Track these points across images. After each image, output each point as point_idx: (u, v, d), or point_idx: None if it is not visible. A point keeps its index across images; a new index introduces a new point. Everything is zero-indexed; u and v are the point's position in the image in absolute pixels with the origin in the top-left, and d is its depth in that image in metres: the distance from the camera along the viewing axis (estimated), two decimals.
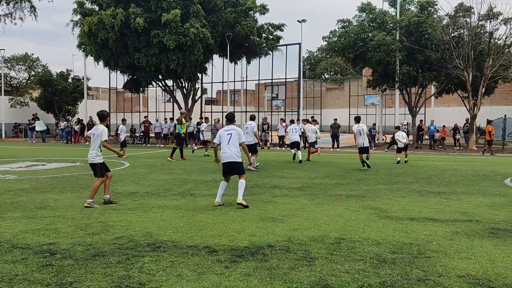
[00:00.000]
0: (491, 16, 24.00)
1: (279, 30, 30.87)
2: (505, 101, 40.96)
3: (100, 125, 8.13)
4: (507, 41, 24.28)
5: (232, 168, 7.99)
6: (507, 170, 13.95)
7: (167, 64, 26.31)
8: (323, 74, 70.32)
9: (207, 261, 4.74)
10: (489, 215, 7.10)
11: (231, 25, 28.01)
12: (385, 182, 11.13)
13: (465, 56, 23.53)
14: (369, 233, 5.94)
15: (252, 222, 6.61)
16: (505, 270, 4.46)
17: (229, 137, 7.99)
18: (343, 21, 28.17)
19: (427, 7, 25.89)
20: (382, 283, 4.11)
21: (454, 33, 25.44)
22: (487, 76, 23.81)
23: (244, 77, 35.79)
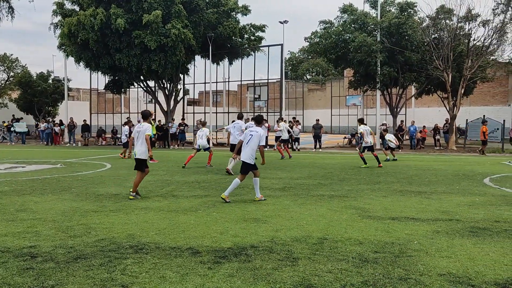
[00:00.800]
0: (470, 18, 24.47)
1: (260, 31, 30.92)
2: (483, 101, 41.84)
3: (144, 123, 8.86)
4: (485, 43, 24.79)
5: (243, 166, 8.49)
6: (486, 169, 14.24)
7: (148, 64, 26.08)
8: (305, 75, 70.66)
9: (190, 262, 4.71)
10: (469, 214, 7.22)
11: (213, 25, 27.94)
12: (367, 182, 11.23)
13: (445, 57, 23.94)
14: (351, 233, 5.98)
15: (235, 223, 6.59)
16: (485, 268, 4.54)
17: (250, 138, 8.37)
18: (325, 22, 28.36)
19: (407, 9, 26.25)
20: (365, 282, 4.14)
21: (434, 34, 25.86)
22: (466, 77, 24.26)
23: (227, 78, 35.75)
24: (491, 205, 8.03)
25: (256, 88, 32.49)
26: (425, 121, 35.07)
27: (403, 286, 4.06)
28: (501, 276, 4.30)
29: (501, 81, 40.08)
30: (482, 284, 4.09)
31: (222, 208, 7.73)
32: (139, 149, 8.72)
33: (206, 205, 8.00)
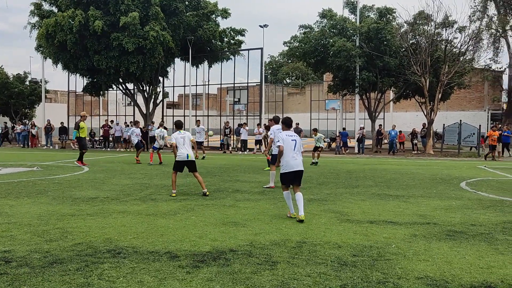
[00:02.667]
0: (447, 24, 25.00)
1: (240, 35, 30.95)
2: (460, 106, 42.77)
3: (183, 131, 9.76)
4: (461, 49, 25.37)
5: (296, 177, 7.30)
6: (462, 173, 14.52)
7: (127, 67, 25.81)
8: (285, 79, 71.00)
9: (168, 266, 4.64)
10: (446, 217, 7.34)
11: (192, 28, 27.84)
12: (346, 186, 11.31)
13: (422, 63, 24.38)
14: (330, 237, 6.00)
15: (214, 226, 6.54)
16: (461, 271, 4.60)
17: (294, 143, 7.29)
18: (305, 27, 28.57)
19: (386, 14, 26.65)
20: (343, 286, 4.15)
21: (412, 40, 26.32)
22: (443, 82, 24.76)
23: (206, 81, 35.63)
24: (467, 208, 8.18)
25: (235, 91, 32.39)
26: (403, 126, 35.63)
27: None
28: (476, 279, 4.36)
29: (477, 87, 41.06)
30: (458, 287, 4.15)
31: (201, 211, 7.66)
32: (191, 151, 9.55)
33: (185, 208, 7.93)
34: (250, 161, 18.88)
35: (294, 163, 7.20)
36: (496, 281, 4.29)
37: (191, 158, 9.51)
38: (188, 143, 9.54)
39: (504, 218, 7.31)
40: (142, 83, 29.85)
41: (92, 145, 29.80)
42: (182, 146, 9.46)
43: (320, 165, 17.29)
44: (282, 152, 7.22)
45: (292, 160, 7.18)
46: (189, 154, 9.47)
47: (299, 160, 7.26)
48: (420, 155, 24.26)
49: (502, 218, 7.27)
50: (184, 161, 9.47)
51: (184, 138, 9.52)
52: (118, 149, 26.91)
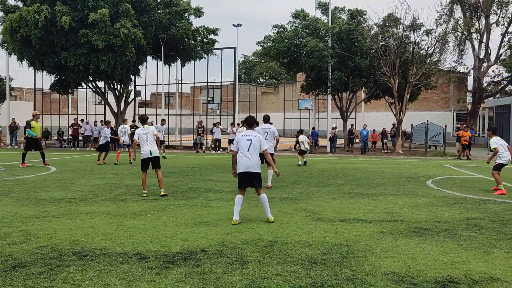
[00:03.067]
0: (415, 27, 25.61)
1: (213, 34, 30.81)
2: (427, 107, 43.93)
3: (147, 125, 9.49)
4: (428, 51, 26.04)
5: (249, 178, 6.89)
6: (429, 172, 14.90)
7: (96, 64, 25.25)
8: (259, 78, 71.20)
9: (137, 268, 4.58)
10: (413, 215, 7.52)
11: (165, 26, 27.53)
12: (317, 184, 11.43)
13: (392, 64, 24.90)
14: (301, 235, 6.05)
15: (185, 226, 6.49)
16: (426, 267, 4.73)
17: (249, 143, 6.90)
18: (278, 27, 28.72)
19: (357, 16, 27.09)
20: (313, 283, 4.19)
21: (382, 42, 26.84)
22: (411, 83, 25.35)
23: (179, 80, 35.30)
24: (433, 206, 8.40)
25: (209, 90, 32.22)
26: (374, 125, 36.29)
27: (350, 286, 4.14)
28: (441, 275, 4.49)
29: (443, 88, 42.29)
30: (423, 283, 4.26)
31: (172, 212, 7.59)
32: (153, 148, 9.25)
33: (156, 209, 7.83)
34: (223, 160, 18.82)
35: (247, 163, 6.85)
36: (460, 277, 4.43)
37: (155, 154, 9.29)
38: (152, 139, 9.33)
39: (468, 215, 7.56)
40: (113, 81, 29.30)
41: (60, 144, 29.07)
42: (144, 142, 9.26)
43: (292, 164, 17.40)
44: (234, 157, 7.02)
45: (244, 160, 6.87)
46: (152, 150, 9.25)
47: (252, 161, 6.84)
48: (389, 154, 24.76)
49: (465, 215, 7.51)
50: (148, 158, 9.28)
51: (147, 134, 9.31)
52: (88, 148, 26.32)
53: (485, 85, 37.69)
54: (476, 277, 4.42)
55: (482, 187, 11.13)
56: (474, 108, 38.24)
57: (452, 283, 4.25)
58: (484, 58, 36.45)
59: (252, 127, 7.23)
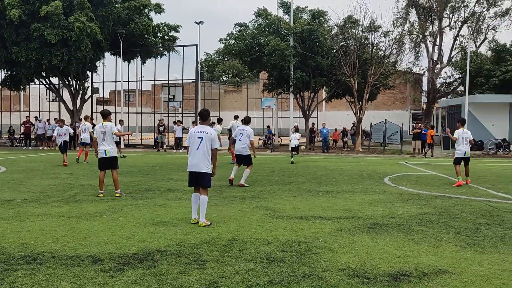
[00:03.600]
0: (373, 28, 26.27)
1: (174, 31, 30.37)
2: (386, 106, 45.19)
3: (107, 122, 9.00)
4: (386, 52, 26.77)
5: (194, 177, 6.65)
6: (386, 169, 15.32)
7: (49, 59, 24.30)
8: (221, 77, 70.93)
9: (89, 271, 4.43)
10: (369, 211, 7.69)
11: (124, 22, 26.85)
12: (279, 183, 11.50)
13: (351, 64, 25.41)
14: (260, 233, 6.05)
15: (143, 227, 6.35)
16: (380, 261, 4.84)
17: (200, 141, 6.57)
18: (240, 25, 28.70)
19: (318, 17, 27.47)
20: (271, 281, 4.20)
21: (342, 42, 27.35)
22: (370, 83, 25.98)
23: (139, 77, 34.62)
24: (389, 202, 8.63)
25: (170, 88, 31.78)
26: (335, 124, 36.94)
27: (307, 282, 4.18)
28: (393, 268, 4.61)
29: (400, 88, 43.63)
30: (376, 276, 4.36)
31: (129, 212, 7.41)
32: (109, 148, 8.90)
33: (112, 209, 7.62)
34: (184, 159, 18.57)
35: (194, 162, 6.56)
36: (411, 270, 4.57)
37: (110, 154, 8.93)
38: (109, 138, 8.91)
39: (420, 210, 7.82)
40: (68, 78, 28.30)
41: (11, 143, 27.82)
42: (101, 142, 8.91)
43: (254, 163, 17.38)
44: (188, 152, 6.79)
45: (192, 159, 6.60)
46: (107, 150, 8.89)
47: (200, 161, 6.52)
48: (350, 152, 25.27)
49: (418, 210, 7.77)
50: (103, 158, 8.95)
51: (105, 133, 8.89)
52: (41, 147, 25.31)
53: (438, 86, 39.21)
54: (426, 270, 4.57)
55: (435, 184, 11.55)
56: (428, 108, 39.69)
57: (404, 276, 4.38)
58: (437, 60, 37.89)
59: (205, 121, 6.86)
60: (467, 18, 36.18)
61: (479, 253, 5.18)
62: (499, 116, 28.22)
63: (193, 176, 6.64)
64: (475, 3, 36.08)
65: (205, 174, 6.57)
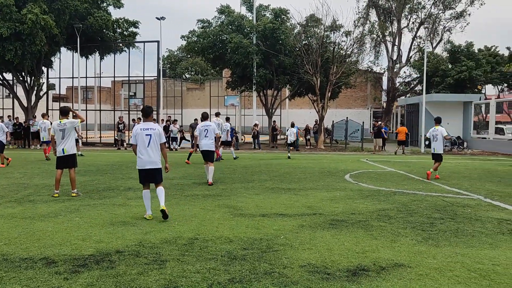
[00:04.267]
0: (335, 28, 26.69)
1: (134, 27, 29.70)
2: (347, 104, 46.12)
3: (65, 120, 8.69)
4: (347, 51, 27.27)
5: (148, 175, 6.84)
6: (348, 166, 15.61)
7: (1, 54, 23.23)
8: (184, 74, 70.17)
9: (43, 274, 4.26)
10: (330, 208, 7.80)
11: (81, 16, 25.98)
12: (241, 180, 11.48)
13: (314, 63, 25.73)
14: (222, 231, 6.01)
15: (101, 227, 6.17)
16: (340, 257, 4.92)
17: (149, 138, 6.73)
18: (203, 22, 28.46)
19: (280, 15, 27.62)
20: (231, 279, 4.17)
21: (305, 41, 27.64)
22: (332, 81, 26.39)
23: (98, 73, 33.67)
24: (349, 198, 8.79)
25: (131, 85, 31.05)
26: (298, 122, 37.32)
27: (268, 280, 4.18)
28: (352, 263, 4.69)
29: (361, 87, 44.65)
30: (336, 272, 4.42)
31: (86, 212, 7.19)
32: (69, 145, 8.69)
33: (68, 209, 7.37)
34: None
35: (147, 160, 6.74)
36: (369, 264, 4.66)
37: (67, 152, 8.67)
38: (69, 136, 8.69)
39: (379, 206, 8.01)
40: (22, 73, 27.14)
41: None
42: (60, 140, 8.64)
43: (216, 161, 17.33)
44: (135, 151, 6.84)
45: (144, 157, 6.74)
46: (65, 149, 8.65)
47: (152, 158, 6.73)
48: (312, 150, 25.60)
49: (377, 206, 7.96)
50: (61, 157, 8.70)
51: (64, 131, 8.61)
52: None
53: (397, 85, 40.40)
54: (384, 264, 4.68)
55: (394, 180, 11.87)
56: (388, 107, 40.81)
57: (362, 271, 4.46)
58: (397, 60, 39.02)
59: (148, 117, 6.98)
60: (424, 19, 37.44)
61: (434, 247, 5.35)
62: (454, 114, 29.36)
63: (148, 173, 6.79)
64: (432, 5, 37.39)
65: (160, 170, 6.88)
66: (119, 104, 41.06)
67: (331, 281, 4.17)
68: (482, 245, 5.47)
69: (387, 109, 41.24)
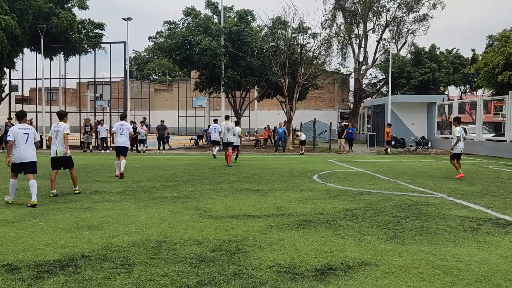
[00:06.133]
0: (302, 30, 27.00)
1: (100, 29, 29.08)
2: (315, 105, 46.67)
3: (62, 122, 9.36)
4: (315, 53, 27.64)
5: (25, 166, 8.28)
6: (316, 167, 15.81)
7: None
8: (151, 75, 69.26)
9: (6, 280, 4.12)
10: (299, 208, 7.89)
11: (45, 16, 25.25)
12: (210, 182, 11.44)
13: (282, 64, 25.94)
14: (191, 234, 5.98)
15: (66, 232, 6.02)
16: (308, 257, 4.98)
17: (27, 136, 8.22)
18: (170, 23, 28.20)
19: (244, 16, 27.63)
20: (200, 282, 4.16)
21: (272, 42, 27.82)
22: (300, 83, 26.68)
23: (63, 75, 32.77)
24: (317, 199, 8.91)
25: (97, 86, 30.38)
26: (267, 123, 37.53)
27: (236, 281, 4.19)
28: (320, 263, 4.76)
29: (328, 88, 45.32)
30: (304, 272, 4.48)
31: (51, 216, 6.99)
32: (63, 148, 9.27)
33: (32, 214, 7.15)
34: (112, 160, 17.91)
35: (24, 155, 8.15)
36: (337, 263, 4.75)
37: (60, 154, 9.29)
38: (61, 138, 9.27)
39: (347, 206, 8.16)
40: None
41: None
42: (54, 141, 9.29)
43: (186, 163, 17.22)
44: (10, 146, 8.14)
45: (21, 152, 8.15)
46: (58, 150, 9.27)
47: (28, 152, 8.21)
48: (280, 151, 25.75)
49: (345, 206, 8.11)
50: (55, 158, 9.32)
51: (58, 132, 9.30)
52: None
53: (364, 86, 41.25)
54: (351, 263, 4.77)
55: (361, 180, 12.12)
56: (355, 107, 41.60)
57: (330, 270, 4.54)
58: (363, 62, 39.85)
59: (22, 120, 8.46)
60: (389, 22, 38.40)
61: (399, 245, 5.50)
62: (419, 115, 30.26)
63: (22, 165, 8.19)
64: (396, 8, 38.41)
65: (35, 163, 8.39)
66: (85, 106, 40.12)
67: (300, 281, 4.22)
68: (445, 242, 5.66)
69: (354, 110, 42.03)
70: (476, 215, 7.39)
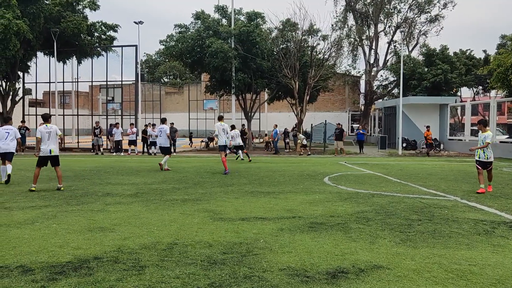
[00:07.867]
0: (312, 32, 26.97)
1: (113, 31, 29.37)
2: (326, 107, 46.53)
3: (50, 124, 10.30)
4: (325, 55, 27.59)
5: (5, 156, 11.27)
6: (326, 169, 15.76)
7: None
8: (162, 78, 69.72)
9: (19, 282, 4.16)
10: (310, 211, 7.86)
11: (56, 19, 25.54)
12: (221, 185, 11.46)
13: (292, 67, 25.92)
14: (202, 236, 5.99)
15: (78, 234, 6.08)
16: (319, 259, 4.96)
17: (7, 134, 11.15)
18: (180, 26, 28.36)
19: (254, 18, 27.68)
20: (211, 284, 4.17)
21: (282, 45, 27.83)
22: (310, 85, 26.64)
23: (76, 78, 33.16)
24: (328, 201, 8.88)
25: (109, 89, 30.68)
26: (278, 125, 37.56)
27: (247, 284, 4.19)
28: (332, 266, 4.74)
29: (339, 90, 45.17)
30: (316, 275, 4.46)
31: (64, 219, 7.06)
32: (54, 147, 10.21)
33: (45, 216, 7.23)
34: (123, 162, 18.06)
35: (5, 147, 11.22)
36: (348, 267, 4.72)
37: (54, 153, 10.21)
38: (54, 138, 10.18)
39: (358, 208, 8.11)
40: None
41: None
42: (46, 141, 10.05)
43: (196, 165, 17.28)
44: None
45: (5, 145, 11.21)
46: (52, 149, 10.15)
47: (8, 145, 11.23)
48: (291, 153, 25.73)
49: (356, 209, 8.06)
50: (47, 156, 10.13)
51: (50, 133, 10.10)
52: None
53: (375, 88, 41.03)
54: (363, 266, 4.74)
55: (372, 182, 12.04)
56: (366, 109, 41.39)
57: (341, 273, 4.51)
58: (374, 63, 39.65)
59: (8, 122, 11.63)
60: (400, 23, 38.17)
61: (412, 248, 5.45)
62: (431, 117, 29.98)
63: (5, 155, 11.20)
64: (407, 9, 38.16)
65: (13, 153, 11.40)
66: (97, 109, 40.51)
67: (311, 284, 4.21)
68: (459, 245, 5.59)
69: (365, 112, 41.82)
70: (490, 218, 7.29)
